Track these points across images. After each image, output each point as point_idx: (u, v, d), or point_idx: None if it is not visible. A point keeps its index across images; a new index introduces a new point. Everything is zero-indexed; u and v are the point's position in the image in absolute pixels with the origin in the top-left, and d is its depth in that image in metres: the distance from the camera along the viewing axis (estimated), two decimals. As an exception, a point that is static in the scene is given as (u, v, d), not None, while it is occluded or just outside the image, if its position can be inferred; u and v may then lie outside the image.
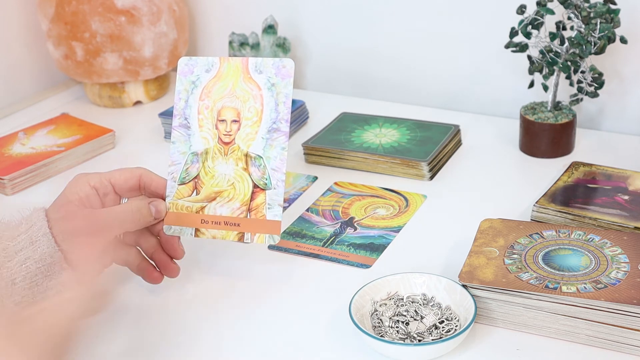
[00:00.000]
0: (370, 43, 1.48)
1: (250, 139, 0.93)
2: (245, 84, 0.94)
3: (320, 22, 1.51)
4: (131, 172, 0.93)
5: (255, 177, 0.92)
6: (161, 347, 0.88)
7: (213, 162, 0.93)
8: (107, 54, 1.42)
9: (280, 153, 0.92)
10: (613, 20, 1.16)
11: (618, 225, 0.99)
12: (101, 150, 1.32)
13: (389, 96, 1.48)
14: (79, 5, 1.40)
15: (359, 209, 1.12)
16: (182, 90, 0.95)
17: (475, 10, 1.38)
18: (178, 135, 0.95)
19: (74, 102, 1.53)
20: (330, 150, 1.23)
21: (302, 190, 1.18)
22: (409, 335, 0.84)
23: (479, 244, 0.93)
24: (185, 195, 0.93)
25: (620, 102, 1.31)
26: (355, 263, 1.00)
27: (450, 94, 1.44)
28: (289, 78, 0.93)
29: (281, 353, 0.86)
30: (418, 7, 1.42)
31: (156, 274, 0.93)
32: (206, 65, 0.95)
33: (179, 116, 0.95)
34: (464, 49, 1.41)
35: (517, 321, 0.86)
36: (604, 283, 0.84)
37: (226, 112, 0.94)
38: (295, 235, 1.06)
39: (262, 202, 0.92)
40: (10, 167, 1.22)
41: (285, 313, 0.92)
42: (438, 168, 1.21)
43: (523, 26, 1.20)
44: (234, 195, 0.92)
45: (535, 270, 0.87)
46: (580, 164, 1.14)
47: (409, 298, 0.89)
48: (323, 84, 1.54)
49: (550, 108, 1.24)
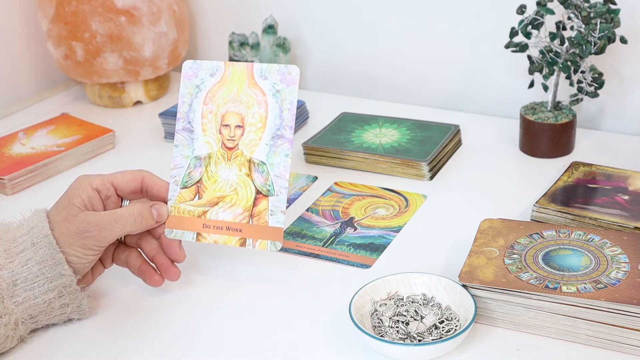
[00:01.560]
0: (371, 43, 1.48)
1: (254, 145, 0.93)
2: (250, 89, 0.93)
3: (320, 22, 1.51)
4: (133, 174, 0.93)
5: (258, 183, 0.92)
6: (161, 349, 0.88)
7: (216, 167, 0.93)
8: (107, 54, 1.42)
9: (283, 160, 0.92)
10: (613, 20, 1.16)
11: (618, 225, 0.99)
12: (101, 150, 1.32)
13: (389, 96, 1.48)
14: (79, 5, 1.40)
15: (359, 209, 1.12)
16: (186, 94, 0.95)
17: (475, 10, 1.38)
18: (181, 139, 0.95)
19: (74, 102, 1.53)
20: (330, 150, 1.23)
21: (302, 190, 1.18)
22: (409, 335, 0.84)
23: (479, 244, 0.93)
24: (187, 199, 0.93)
25: (620, 102, 1.31)
26: (355, 263, 1.00)
27: (450, 94, 1.44)
28: (294, 85, 0.92)
29: (281, 353, 0.86)
30: (418, 7, 1.42)
31: (157, 276, 0.93)
32: (211, 69, 0.95)
33: (183, 120, 0.95)
34: (464, 49, 1.41)
35: (517, 321, 0.86)
36: (604, 283, 0.84)
37: (230, 117, 0.94)
38: (295, 235, 1.06)
39: (264, 208, 0.92)
40: (10, 167, 1.22)
41: (285, 313, 0.92)
42: (438, 168, 1.21)
43: (523, 26, 1.20)
44: (236, 201, 0.92)
45: (535, 270, 0.87)
46: (580, 164, 1.14)
47: (409, 298, 0.89)
48: (323, 84, 1.54)
49: (550, 108, 1.24)
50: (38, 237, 0.86)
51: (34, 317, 0.86)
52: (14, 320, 0.84)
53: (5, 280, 0.84)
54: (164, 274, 0.93)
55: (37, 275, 0.85)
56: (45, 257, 0.85)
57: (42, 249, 0.85)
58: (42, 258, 0.85)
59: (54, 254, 0.85)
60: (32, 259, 0.85)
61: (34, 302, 0.85)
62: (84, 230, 0.87)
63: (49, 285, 0.85)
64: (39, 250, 0.85)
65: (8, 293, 0.84)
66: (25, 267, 0.85)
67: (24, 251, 0.85)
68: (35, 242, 0.86)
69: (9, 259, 0.85)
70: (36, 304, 0.85)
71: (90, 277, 0.92)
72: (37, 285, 0.85)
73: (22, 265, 0.85)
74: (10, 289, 0.84)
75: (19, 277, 0.85)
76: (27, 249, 0.85)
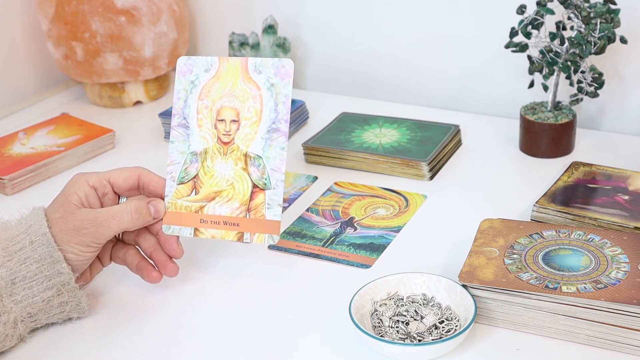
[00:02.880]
0: (371, 43, 1.48)
1: (250, 139, 0.93)
2: (245, 84, 0.94)
3: (320, 22, 1.51)
4: (130, 171, 0.93)
5: (254, 177, 0.92)
6: (159, 346, 0.88)
7: (212, 162, 0.93)
8: (107, 54, 1.42)
9: (279, 153, 0.92)
10: (613, 20, 1.16)
11: (618, 225, 0.99)
12: (101, 150, 1.32)
13: (389, 96, 1.48)
14: (79, 5, 1.40)
15: (359, 209, 1.12)
16: (181, 90, 0.95)
17: (475, 10, 1.38)
18: (177, 135, 0.95)
19: (74, 102, 1.53)
20: (330, 150, 1.23)
21: (302, 190, 1.18)
22: (409, 335, 0.84)
23: (479, 244, 0.93)
24: (184, 194, 0.93)
25: (620, 102, 1.31)
26: (355, 263, 1.00)
27: (450, 94, 1.44)
28: (288, 78, 0.93)
29: (281, 353, 0.86)
30: (418, 7, 1.42)
31: (155, 273, 0.93)
32: (205, 65, 0.95)
33: (178, 116, 0.95)
34: (464, 49, 1.41)
35: (517, 321, 0.86)
36: (604, 283, 0.84)
37: (225, 111, 0.94)
38: (295, 235, 1.06)
39: (261, 202, 0.92)
40: (10, 167, 1.22)
41: (285, 313, 0.92)
42: (438, 168, 1.21)
43: (523, 26, 1.20)
44: (233, 195, 0.92)
45: (535, 270, 0.87)
46: (580, 164, 1.14)
47: (409, 298, 0.89)
48: (323, 84, 1.54)
49: (550, 108, 1.24)
50: (36, 235, 0.86)
51: (33, 316, 0.86)
52: (12, 318, 0.84)
53: (3, 278, 0.84)
54: (162, 271, 0.94)
55: (36, 273, 0.85)
56: (43, 255, 0.85)
57: (40, 247, 0.85)
58: (40, 256, 0.85)
59: (52, 252, 0.85)
60: (30, 257, 0.85)
61: (33, 300, 0.85)
62: (81, 227, 0.87)
63: (48, 284, 0.85)
64: (37, 249, 0.85)
65: (7, 291, 0.84)
66: (23, 266, 0.85)
67: (22, 249, 0.86)
68: (33, 240, 0.86)
69: (7, 257, 0.85)
70: (35, 302, 0.85)
71: (88, 275, 0.93)
72: (36, 284, 0.85)
73: (20, 263, 0.85)
74: (8, 287, 0.84)
75: (17, 276, 0.85)
76: (25, 247, 0.86)
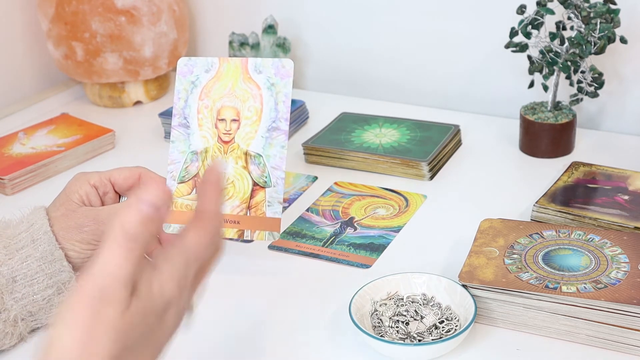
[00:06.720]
0: (371, 43, 1.48)
1: (250, 137, 0.93)
2: (245, 83, 0.94)
3: (320, 22, 1.51)
4: (130, 170, 0.93)
5: (255, 175, 0.93)
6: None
7: (213, 161, 0.94)
8: (107, 54, 1.42)
9: (279, 151, 0.92)
10: (613, 20, 1.16)
11: (618, 225, 0.99)
12: (101, 150, 1.32)
13: (389, 96, 1.48)
14: (79, 5, 1.40)
15: (359, 209, 1.12)
16: (181, 90, 0.96)
17: (475, 10, 1.38)
18: (177, 135, 0.95)
19: (74, 102, 1.53)
20: (330, 150, 1.23)
21: (302, 190, 1.18)
22: (409, 335, 0.84)
23: (479, 244, 0.93)
24: (184, 193, 0.94)
25: (620, 102, 1.31)
26: (355, 263, 1.00)
27: (450, 94, 1.44)
28: (288, 78, 0.93)
29: (281, 353, 0.86)
30: (418, 7, 1.42)
31: None
32: (206, 66, 0.95)
33: (179, 115, 0.95)
34: (464, 49, 1.41)
35: (517, 321, 0.86)
36: (604, 283, 0.84)
37: (226, 111, 0.94)
38: (295, 235, 1.06)
39: (261, 199, 0.92)
40: (10, 167, 1.22)
41: (285, 313, 0.92)
42: (438, 168, 1.21)
43: (523, 26, 1.20)
44: (233, 193, 0.93)
45: (535, 270, 0.87)
46: (580, 164, 1.14)
47: (409, 298, 0.89)
48: (323, 84, 1.54)
49: (550, 108, 1.24)
50: (38, 234, 0.86)
51: (33, 315, 0.86)
52: (12, 316, 0.84)
53: (4, 276, 0.84)
54: None
55: (37, 271, 0.85)
56: (44, 254, 0.85)
57: (42, 246, 0.86)
58: (41, 255, 0.85)
59: (53, 250, 0.85)
60: (31, 256, 0.85)
61: (33, 298, 0.85)
62: (82, 225, 0.87)
63: (49, 282, 0.86)
64: (38, 247, 0.86)
65: (7, 289, 0.84)
66: (25, 264, 0.85)
67: (23, 248, 0.86)
68: (35, 238, 0.86)
69: (9, 255, 0.85)
70: (35, 300, 0.85)
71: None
72: (37, 282, 0.85)
73: (21, 262, 0.85)
74: (9, 285, 0.84)
75: (18, 274, 0.85)
76: (27, 246, 0.86)
